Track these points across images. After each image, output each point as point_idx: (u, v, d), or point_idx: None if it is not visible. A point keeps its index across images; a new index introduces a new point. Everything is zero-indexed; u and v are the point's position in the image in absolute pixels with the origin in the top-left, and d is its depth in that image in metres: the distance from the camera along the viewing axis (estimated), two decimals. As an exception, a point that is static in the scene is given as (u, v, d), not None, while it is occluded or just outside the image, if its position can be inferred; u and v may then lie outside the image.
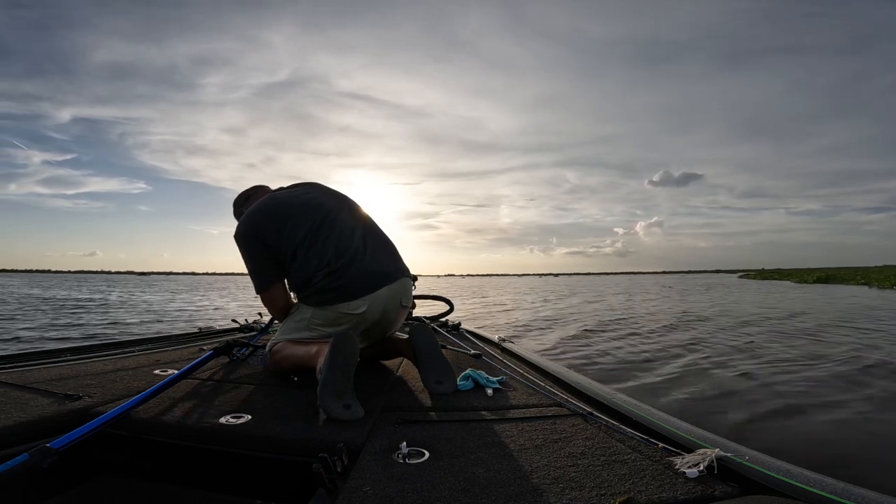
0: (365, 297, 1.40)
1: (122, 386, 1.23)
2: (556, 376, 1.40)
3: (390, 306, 1.47)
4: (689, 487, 0.68)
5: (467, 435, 0.92)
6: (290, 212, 1.45)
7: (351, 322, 1.42)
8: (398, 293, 1.49)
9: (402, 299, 1.51)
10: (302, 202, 1.49)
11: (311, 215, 1.45)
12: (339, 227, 1.46)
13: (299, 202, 1.49)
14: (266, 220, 1.44)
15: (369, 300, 1.41)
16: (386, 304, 1.45)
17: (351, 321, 1.42)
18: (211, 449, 0.93)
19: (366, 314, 1.42)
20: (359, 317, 1.42)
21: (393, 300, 1.47)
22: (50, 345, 2.99)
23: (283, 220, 1.43)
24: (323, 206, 1.49)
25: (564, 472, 0.74)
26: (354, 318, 1.41)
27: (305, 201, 1.49)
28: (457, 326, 2.47)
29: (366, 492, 0.68)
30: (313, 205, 1.48)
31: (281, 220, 1.44)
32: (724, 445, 0.78)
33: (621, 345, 4.75)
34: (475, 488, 0.69)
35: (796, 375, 3.18)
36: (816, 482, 0.64)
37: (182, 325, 6.61)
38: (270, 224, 1.44)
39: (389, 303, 1.46)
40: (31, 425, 0.92)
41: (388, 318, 1.49)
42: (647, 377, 3.27)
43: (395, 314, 1.51)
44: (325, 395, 1.02)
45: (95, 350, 1.83)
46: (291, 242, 1.41)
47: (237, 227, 1.50)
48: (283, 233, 1.42)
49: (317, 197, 1.53)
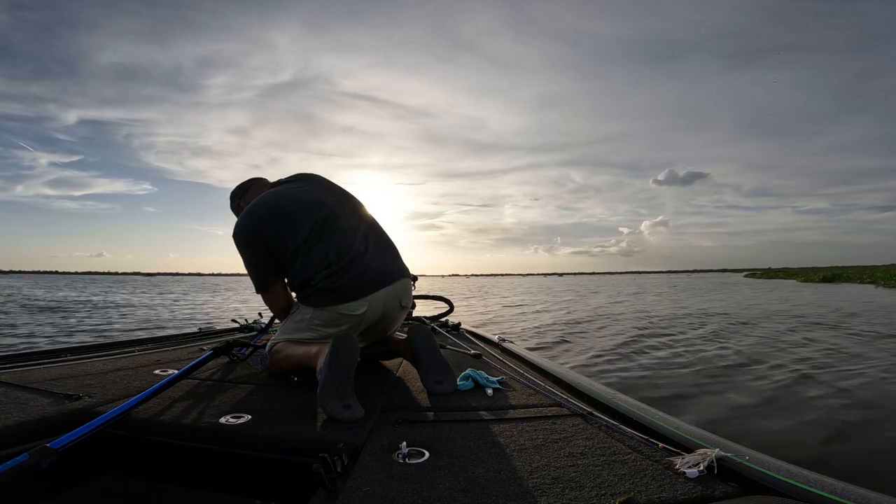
0: (365, 298, 1.40)
1: (122, 386, 1.23)
2: (556, 376, 1.40)
3: (390, 307, 1.46)
4: (689, 487, 0.68)
5: (467, 435, 0.92)
6: (289, 210, 1.42)
7: (351, 322, 1.42)
8: (398, 294, 1.48)
9: (401, 300, 1.50)
10: (302, 200, 1.46)
11: (312, 215, 1.42)
12: (340, 226, 1.44)
13: (299, 200, 1.46)
14: (265, 220, 1.42)
15: (369, 301, 1.40)
16: (386, 305, 1.44)
17: (351, 322, 1.41)
18: (211, 449, 0.93)
19: (366, 315, 1.41)
20: (359, 318, 1.41)
21: (393, 301, 1.46)
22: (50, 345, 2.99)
23: (283, 219, 1.41)
24: (324, 204, 1.47)
25: (564, 472, 0.74)
26: (354, 318, 1.41)
27: (306, 199, 1.46)
28: (457, 326, 2.47)
29: (366, 492, 0.68)
30: (314, 203, 1.46)
31: (280, 219, 1.41)
32: (724, 445, 0.78)
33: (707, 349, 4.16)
34: (475, 488, 0.69)
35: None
36: (816, 482, 0.64)
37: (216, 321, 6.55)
38: (269, 224, 1.41)
39: (389, 303, 1.45)
40: (31, 425, 0.92)
41: (387, 318, 1.49)
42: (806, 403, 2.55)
43: (394, 315, 1.51)
44: (326, 396, 1.02)
45: (95, 350, 1.83)
46: (292, 243, 1.40)
47: (235, 225, 1.48)
48: (282, 233, 1.40)
49: (318, 194, 1.50)
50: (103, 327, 6.35)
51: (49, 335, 5.43)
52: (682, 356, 4.06)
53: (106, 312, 8.63)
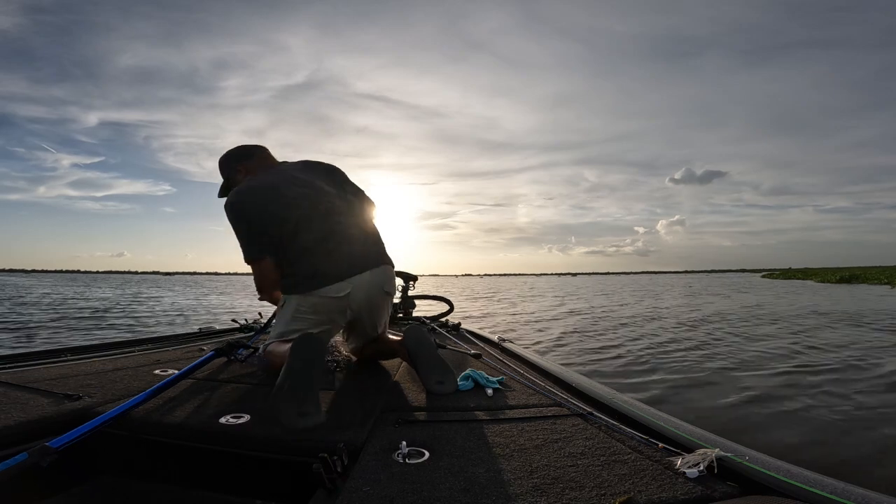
0: (348, 280, 1.40)
1: (122, 386, 1.23)
2: (556, 376, 1.39)
3: (374, 293, 1.47)
4: (689, 487, 0.68)
5: (467, 435, 0.91)
6: (282, 196, 1.44)
7: (336, 308, 1.42)
8: (381, 280, 1.49)
9: (384, 286, 1.51)
10: (296, 186, 1.47)
11: (301, 202, 1.44)
12: (323, 213, 1.46)
13: (293, 185, 1.47)
14: (260, 198, 1.44)
15: (352, 284, 1.41)
16: (370, 290, 1.45)
17: (336, 307, 1.42)
18: (211, 449, 0.93)
19: (350, 298, 1.42)
20: (342, 301, 1.41)
21: (376, 286, 1.48)
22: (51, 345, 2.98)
23: (274, 203, 1.43)
24: (310, 195, 1.47)
25: (564, 472, 0.74)
26: (339, 302, 1.41)
27: (300, 185, 1.48)
28: (457, 326, 2.47)
29: (366, 492, 0.68)
30: (301, 193, 1.47)
31: (274, 203, 1.43)
32: (724, 445, 0.78)
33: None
34: (475, 488, 0.69)
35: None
36: (816, 482, 0.64)
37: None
38: (263, 205, 1.43)
39: (373, 289, 1.47)
40: (31, 425, 0.92)
41: (373, 305, 1.49)
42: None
43: (379, 302, 1.51)
44: (278, 401, 0.98)
45: (95, 350, 1.83)
46: (280, 229, 1.41)
47: (228, 196, 1.49)
48: (274, 219, 1.42)
49: (313, 182, 1.51)
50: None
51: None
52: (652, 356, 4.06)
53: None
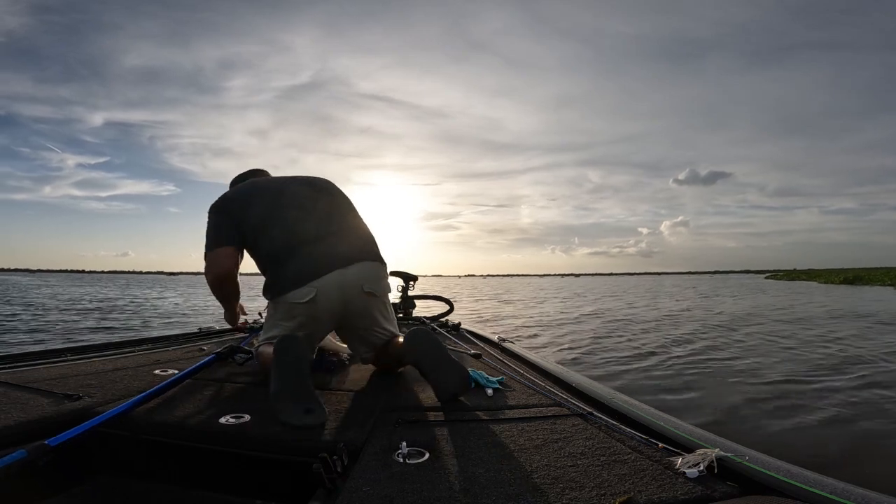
0: (311, 284, 1.29)
1: (122, 386, 1.23)
2: (556, 376, 1.39)
3: (350, 293, 1.34)
4: (689, 487, 0.68)
5: (467, 435, 0.91)
6: (252, 195, 1.44)
7: (306, 314, 1.32)
8: (358, 278, 1.35)
9: (363, 284, 1.36)
10: (268, 190, 1.46)
11: (267, 204, 1.41)
12: (292, 213, 1.40)
13: (265, 190, 1.47)
14: (233, 204, 1.44)
15: (316, 287, 1.29)
16: (343, 291, 1.33)
17: (305, 312, 1.31)
18: (211, 449, 0.93)
19: (317, 303, 1.30)
20: (309, 306, 1.30)
21: (352, 286, 1.34)
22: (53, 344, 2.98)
23: (244, 205, 1.42)
24: (283, 192, 1.45)
25: (564, 472, 0.74)
26: (305, 308, 1.30)
27: (271, 190, 1.46)
28: (457, 326, 2.47)
29: (366, 492, 0.68)
30: (274, 190, 1.45)
31: (243, 205, 1.42)
32: (724, 445, 0.78)
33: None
34: (475, 488, 0.69)
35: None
36: (816, 482, 0.64)
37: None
38: (236, 208, 1.43)
39: (347, 289, 1.33)
40: (31, 425, 0.92)
41: (352, 307, 1.37)
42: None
43: (359, 302, 1.38)
44: (280, 404, 0.97)
45: (95, 350, 1.83)
46: (249, 228, 1.40)
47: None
48: (241, 218, 1.41)
49: (287, 186, 1.48)
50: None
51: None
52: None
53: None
